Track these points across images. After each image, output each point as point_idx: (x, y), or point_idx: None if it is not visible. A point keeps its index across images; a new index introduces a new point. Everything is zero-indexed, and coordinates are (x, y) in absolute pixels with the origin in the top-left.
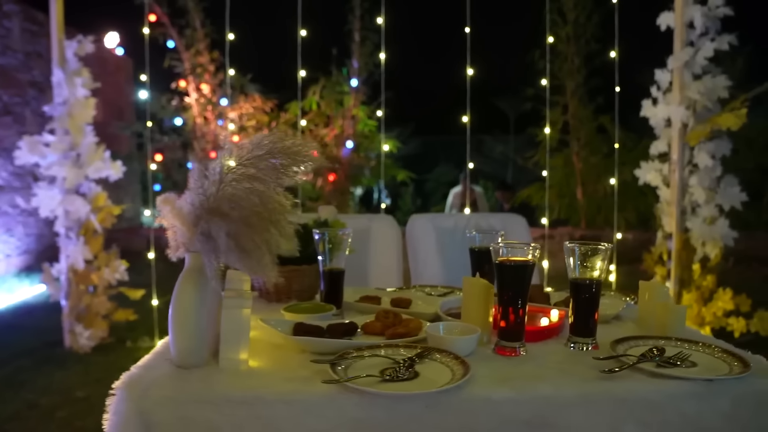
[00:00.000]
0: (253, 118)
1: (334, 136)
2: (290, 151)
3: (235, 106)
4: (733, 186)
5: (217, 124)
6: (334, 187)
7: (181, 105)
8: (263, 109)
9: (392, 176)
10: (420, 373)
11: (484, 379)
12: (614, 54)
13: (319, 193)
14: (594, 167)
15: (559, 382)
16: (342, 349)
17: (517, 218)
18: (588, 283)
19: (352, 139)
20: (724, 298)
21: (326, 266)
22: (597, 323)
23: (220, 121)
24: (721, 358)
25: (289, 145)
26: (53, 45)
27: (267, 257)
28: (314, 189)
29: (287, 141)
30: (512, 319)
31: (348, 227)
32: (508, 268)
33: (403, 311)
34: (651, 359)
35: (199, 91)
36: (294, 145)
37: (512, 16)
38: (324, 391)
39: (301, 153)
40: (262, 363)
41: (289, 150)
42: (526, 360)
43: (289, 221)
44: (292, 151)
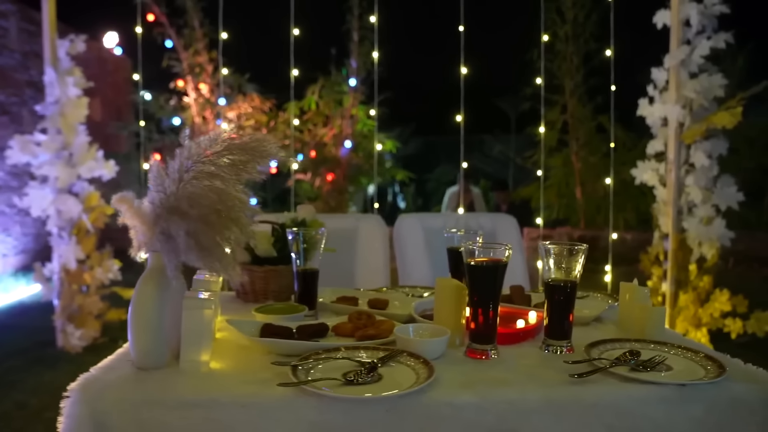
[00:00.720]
0: (251, 118)
1: (332, 136)
2: (248, 147)
3: (233, 105)
4: (729, 186)
5: (216, 124)
6: (333, 187)
7: (180, 105)
8: (262, 108)
9: (392, 176)
10: (384, 377)
11: (450, 382)
12: (610, 52)
13: (318, 192)
14: (593, 167)
15: (526, 386)
16: (307, 351)
17: (508, 218)
18: (563, 284)
19: (351, 138)
20: (721, 299)
21: (300, 266)
22: (572, 325)
23: (219, 120)
24: (698, 361)
25: (247, 140)
26: (45, 44)
27: (228, 255)
28: (312, 189)
29: (245, 137)
30: (483, 321)
31: (323, 228)
32: (478, 269)
33: (377, 312)
34: (625, 363)
35: (197, 90)
36: (252, 140)
37: (512, 15)
38: (281, 395)
39: (260, 149)
40: (225, 365)
41: (247, 146)
42: (496, 363)
43: (249, 218)
44: (250, 147)
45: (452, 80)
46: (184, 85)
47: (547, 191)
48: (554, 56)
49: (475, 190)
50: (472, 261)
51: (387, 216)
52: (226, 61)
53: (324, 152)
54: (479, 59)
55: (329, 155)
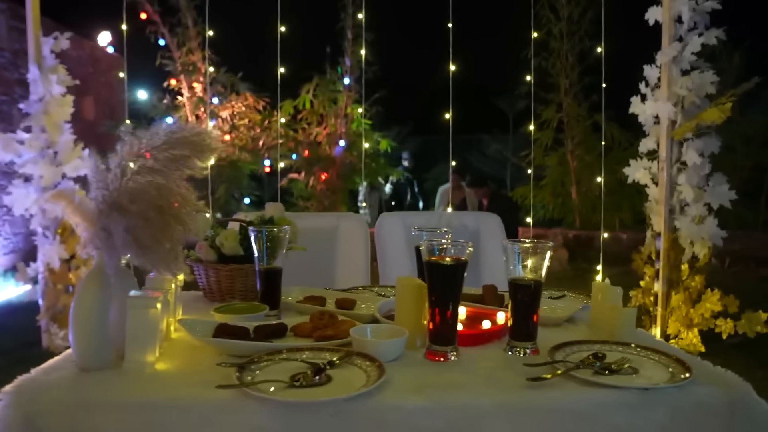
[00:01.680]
0: (245, 117)
1: (326, 135)
2: (188, 141)
3: (226, 104)
4: (722, 184)
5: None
6: (326, 186)
7: (173, 103)
8: (256, 107)
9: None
10: (333, 379)
11: (402, 386)
12: (600, 49)
13: (311, 192)
14: (589, 166)
15: (481, 390)
16: (258, 351)
17: (492, 217)
18: (527, 283)
19: (345, 137)
20: (712, 299)
21: (263, 265)
22: (537, 326)
23: (212, 120)
24: (666, 364)
25: (187, 135)
26: (29, 42)
27: (169, 252)
28: (306, 188)
29: (185, 131)
30: (442, 322)
31: (287, 226)
32: (437, 267)
33: (341, 313)
34: (589, 366)
35: (191, 89)
36: (192, 134)
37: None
38: (223, 398)
39: (199, 143)
40: (173, 366)
41: (187, 140)
42: (454, 366)
43: (193, 214)
44: (190, 141)
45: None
46: (177, 84)
47: (543, 190)
48: (549, 54)
49: (467, 189)
50: (431, 259)
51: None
52: (220, 61)
53: (318, 151)
54: (477, 59)
55: (323, 154)
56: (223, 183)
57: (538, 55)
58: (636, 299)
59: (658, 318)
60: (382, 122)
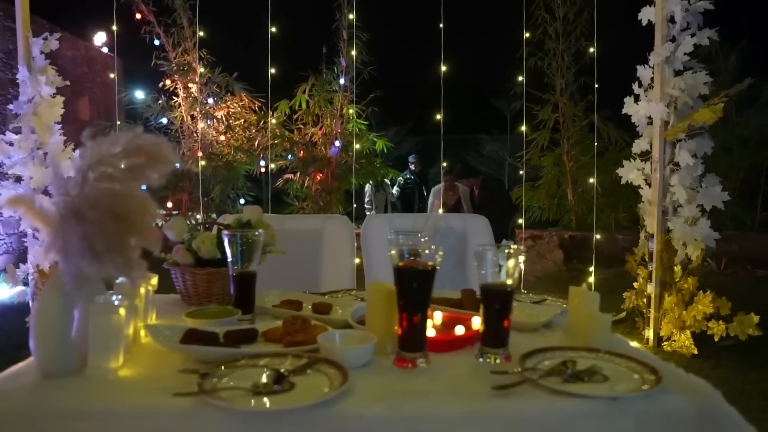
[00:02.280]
0: (240, 117)
1: (322, 135)
2: (145, 151)
3: (221, 105)
4: (714, 185)
5: (206, 123)
6: (321, 187)
7: (168, 104)
8: (251, 108)
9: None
10: (297, 386)
11: (366, 393)
12: (593, 50)
13: (307, 192)
14: (585, 166)
15: (445, 399)
16: (225, 357)
17: (480, 219)
18: (498, 289)
19: (341, 138)
20: (704, 301)
21: (237, 269)
22: (509, 332)
23: (208, 120)
24: (638, 372)
25: (144, 144)
26: (18, 43)
27: (125, 261)
28: (302, 188)
29: (143, 140)
30: (411, 328)
31: (261, 230)
32: (405, 273)
33: (315, 317)
34: (558, 374)
35: (186, 89)
36: (148, 144)
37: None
38: (182, 406)
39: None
40: (137, 372)
41: (143, 149)
42: (422, 373)
43: (152, 223)
44: (146, 150)
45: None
46: (172, 84)
47: (538, 191)
48: (545, 54)
49: (462, 187)
50: (399, 265)
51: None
52: (215, 61)
53: (313, 152)
54: (475, 59)
55: (319, 155)
56: (218, 183)
57: (534, 55)
58: (630, 301)
59: (651, 320)
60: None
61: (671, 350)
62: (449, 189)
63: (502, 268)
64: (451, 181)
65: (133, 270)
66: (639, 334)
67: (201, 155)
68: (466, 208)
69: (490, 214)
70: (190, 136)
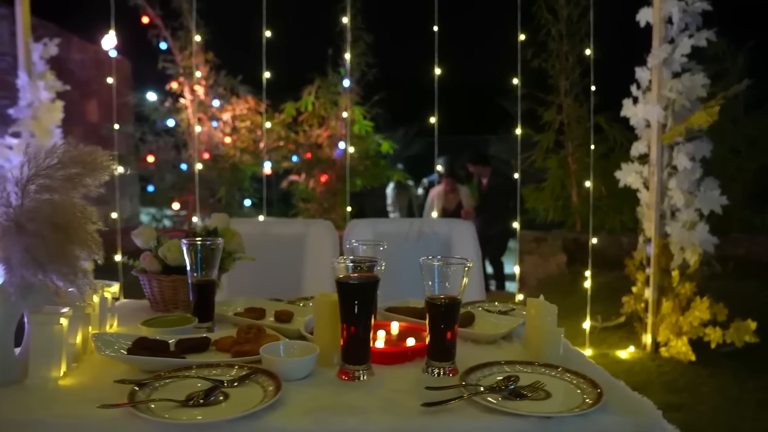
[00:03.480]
0: (246, 119)
1: (327, 137)
2: (80, 160)
3: (227, 107)
4: (713, 189)
5: (211, 126)
6: (326, 188)
7: (175, 106)
8: (257, 110)
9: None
10: (230, 398)
11: (296, 406)
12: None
13: (312, 194)
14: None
15: (374, 414)
16: (167, 367)
17: (465, 225)
18: (442, 302)
19: (345, 140)
20: (701, 307)
21: (196, 277)
22: (455, 345)
23: (214, 123)
24: (582, 388)
25: (79, 153)
26: (19, 48)
27: (69, 270)
28: (307, 190)
29: (78, 150)
30: (352, 341)
31: (220, 239)
32: (345, 286)
33: (272, 326)
34: (499, 390)
35: (193, 92)
36: (84, 153)
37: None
38: (109, 417)
39: (91, 162)
40: (78, 381)
41: (79, 159)
42: (361, 386)
43: (93, 231)
44: (82, 160)
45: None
46: (179, 87)
47: (543, 193)
48: (548, 55)
49: (462, 188)
50: (339, 277)
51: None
52: (220, 63)
53: (318, 153)
54: (484, 59)
55: (323, 156)
56: (224, 185)
57: (538, 56)
58: (628, 305)
59: (649, 325)
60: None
61: (669, 356)
62: (449, 192)
63: (447, 280)
64: (451, 184)
65: (77, 278)
66: (637, 340)
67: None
68: (471, 207)
69: (498, 204)
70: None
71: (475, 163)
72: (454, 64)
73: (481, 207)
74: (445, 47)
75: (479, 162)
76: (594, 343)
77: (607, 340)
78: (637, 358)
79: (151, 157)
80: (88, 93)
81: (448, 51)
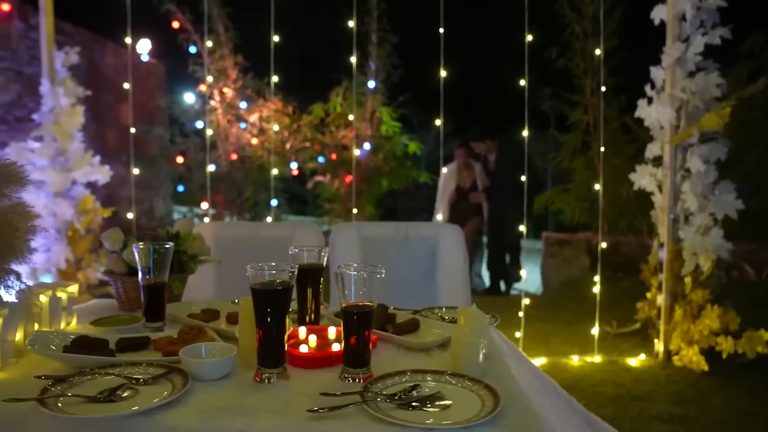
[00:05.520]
0: (273, 121)
1: (353, 138)
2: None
3: (254, 108)
4: (728, 193)
5: (239, 127)
6: (350, 189)
7: (204, 108)
8: (284, 112)
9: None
10: (138, 396)
11: (194, 406)
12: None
13: (336, 194)
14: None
15: (262, 417)
16: (92, 364)
17: (452, 228)
18: (356, 309)
19: (371, 140)
20: (711, 315)
21: (147, 279)
22: (370, 352)
23: (243, 124)
24: (485, 400)
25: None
26: (42, 56)
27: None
28: (332, 190)
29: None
30: (263, 344)
31: (170, 243)
32: (257, 293)
33: (215, 328)
34: (398, 399)
35: (222, 94)
36: (1, 166)
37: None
38: (20, 411)
39: (8, 174)
40: (11, 376)
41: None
42: (268, 389)
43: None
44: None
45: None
46: (208, 89)
47: (569, 194)
48: (573, 55)
49: (477, 165)
50: (253, 283)
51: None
52: (249, 66)
53: (344, 154)
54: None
55: (348, 157)
56: (250, 185)
57: (563, 55)
58: (642, 311)
59: (661, 333)
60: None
61: (681, 365)
62: (464, 167)
63: (360, 289)
64: (465, 157)
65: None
66: (651, 347)
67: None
68: (481, 185)
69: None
70: (226, 139)
71: (477, 140)
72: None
73: (493, 188)
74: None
75: (481, 137)
76: (605, 350)
77: (619, 347)
78: (647, 366)
79: (180, 158)
80: (122, 96)
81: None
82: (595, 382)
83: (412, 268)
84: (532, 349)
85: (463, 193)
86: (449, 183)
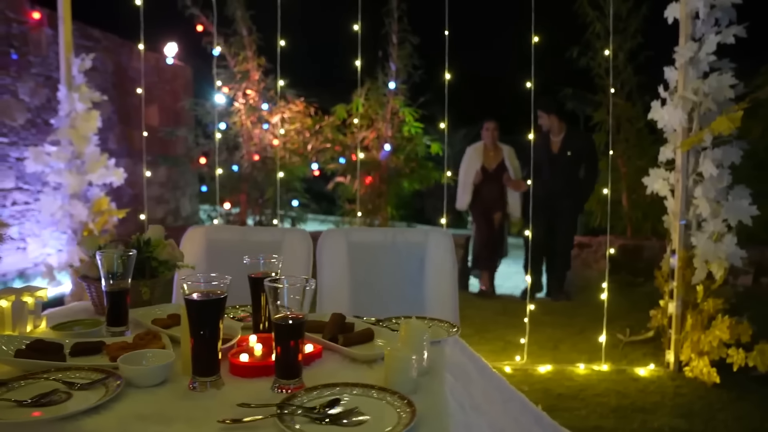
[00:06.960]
0: (295, 122)
1: (374, 139)
2: None
3: (275, 110)
4: (742, 198)
5: (262, 128)
6: (371, 190)
7: (227, 110)
8: (307, 113)
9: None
10: (70, 401)
11: (116, 413)
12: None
13: (356, 195)
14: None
15: (174, 425)
16: (41, 368)
17: (442, 234)
18: (285, 321)
19: (391, 141)
20: (721, 326)
21: (109, 285)
22: (300, 364)
23: (265, 125)
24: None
25: None
26: (61, 62)
27: None
28: (352, 191)
29: None
30: (196, 353)
31: (133, 251)
32: (189, 303)
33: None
34: (315, 412)
35: (245, 96)
36: None
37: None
38: None
39: None
40: None
41: None
42: (196, 397)
43: None
44: None
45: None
46: (230, 92)
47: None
48: (595, 54)
49: (505, 147)
50: (185, 294)
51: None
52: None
53: (366, 155)
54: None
55: (369, 159)
56: (271, 186)
57: (584, 54)
58: (655, 319)
59: (672, 342)
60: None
61: (692, 377)
62: (491, 147)
63: (290, 301)
64: (493, 137)
65: None
66: (662, 357)
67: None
68: (512, 173)
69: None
70: (249, 140)
71: (548, 112)
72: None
73: (549, 176)
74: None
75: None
76: (614, 358)
77: (629, 356)
78: (655, 376)
79: (203, 159)
80: (149, 99)
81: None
82: (599, 391)
83: (400, 274)
84: (539, 356)
85: (488, 176)
86: (474, 162)
